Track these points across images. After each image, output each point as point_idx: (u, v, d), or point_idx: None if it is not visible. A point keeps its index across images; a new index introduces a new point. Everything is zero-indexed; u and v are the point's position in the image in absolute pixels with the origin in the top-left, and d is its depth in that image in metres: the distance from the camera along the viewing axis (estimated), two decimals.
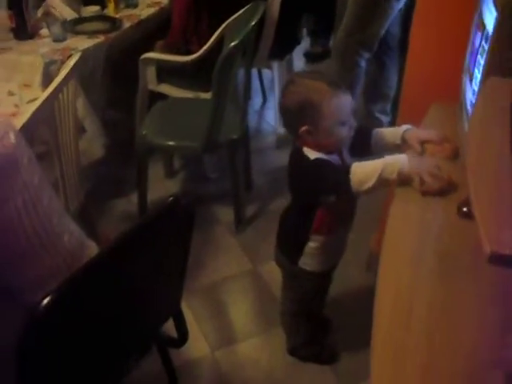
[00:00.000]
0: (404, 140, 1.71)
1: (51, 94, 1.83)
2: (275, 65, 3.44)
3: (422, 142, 1.67)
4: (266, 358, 2.22)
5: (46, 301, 0.92)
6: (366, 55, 3.21)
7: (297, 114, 1.66)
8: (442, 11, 2.10)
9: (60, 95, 1.91)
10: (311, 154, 1.68)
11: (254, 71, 3.80)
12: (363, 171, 1.57)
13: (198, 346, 2.25)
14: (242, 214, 2.85)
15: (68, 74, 1.98)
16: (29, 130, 1.83)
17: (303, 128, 1.65)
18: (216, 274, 2.59)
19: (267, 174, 3.21)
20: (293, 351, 2.19)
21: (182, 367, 2.08)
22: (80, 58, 2.11)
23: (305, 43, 4.53)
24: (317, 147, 1.68)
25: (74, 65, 2.04)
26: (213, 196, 3.05)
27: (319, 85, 1.64)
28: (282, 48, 3.41)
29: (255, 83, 3.94)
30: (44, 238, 1.02)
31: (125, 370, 1.48)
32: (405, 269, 1.30)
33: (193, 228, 1.22)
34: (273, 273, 2.51)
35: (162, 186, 3.08)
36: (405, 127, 1.75)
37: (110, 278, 1.08)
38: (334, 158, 1.70)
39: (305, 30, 4.44)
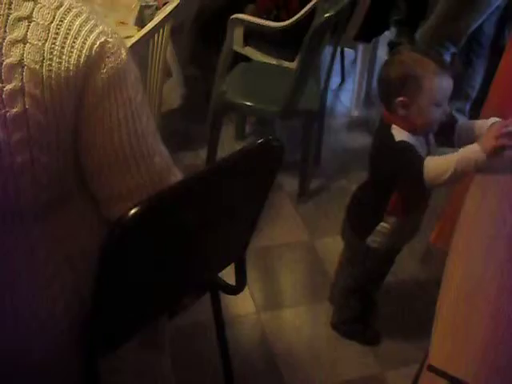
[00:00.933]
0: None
1: (148, 32, 1.88)
2: (360, 46, 3.41)
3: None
4: (308, 328, 2.24)
5: (134, 210, 0.95)
6: (452, 49, 3.15)
7: (397, 84, 1.66)
8: None
9: (155, 36, 1.95)
10: (398, 134, 1.67)
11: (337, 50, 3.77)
12: (437, 164, 1.58)
13: (245, 304, 2.28)
14: (307, 187, 2.86)
15: (164, 18, 2.02)
16: None
17: (400, 99, 1.65)
18: (272, 239, 2.61)
19: (336, 154, 3.19)
20: (336, 325, 2.20)
21: (226, 321, 2.12)
22: (177, 5, 2.15)
23: (390, 33, 4.49)
24: (406, 124, 1.68)
25: (172, 11, 2.08)
26: None
27: (426, 61, 1.65)
28: (370, 30, 3.38)
29: (336, 63, 3.91)
30: (138, 154, 1.05)
31: (180, 307, 1.52)
32: (477, 252, 1.30)
33: (277, 173, 1.24)
34: (328, 249, 2.53)
35: (231, 147, 3.10)
36: (493, 119, 1.71)
37: (193, 206, 1.10)
38: (419, 140, 1.70)
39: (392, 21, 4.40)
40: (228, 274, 1.56)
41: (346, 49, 3.79)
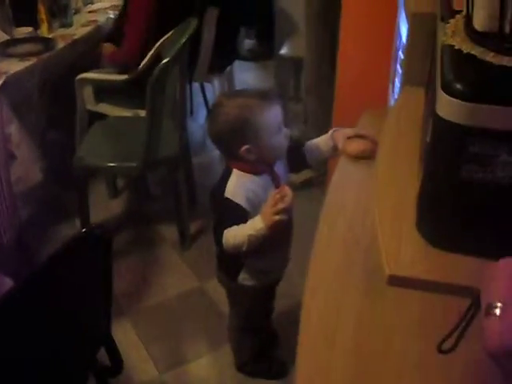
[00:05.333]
0: (333, 140, 1.73)
1: None
2: (215, 78, 3.43)
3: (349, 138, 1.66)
4: (215, 377, 2.20)
5: None
6: None
7: (234, 136, 1.61)
8: (368, 16, 2.12)
9: None
10: (231, 188, 1.65)
11: (197, 85, 3.78)
12: (232, 238, 1.62)
13: (146, 368, 2.22)
14: (187, 231, 2.81)
15: None
16: None
17: (244, 148, 1.60)
18: (162, 293, 2.56)
19: None
20: (241, 367, 2.17)
21: None
22: (4, 83, 2.07)
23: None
24: (251, 166, 1.66)
25: None
26: (157, 214, 3.02)
27: (248, 101, 1.62)
28: (221, 61, 3.41)
29: (198, 98, 3.92)
30: None
31: None
32: (331, 284, 1.29)
33: (111, 257, 1.19)
34: (219, 289, 2.48)
35: (105, 207, 3.04)
36: (333, 129, 1.77)
37: (24, 316, 1.04)
38: (263, 179, 1.68)
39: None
40: None
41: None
